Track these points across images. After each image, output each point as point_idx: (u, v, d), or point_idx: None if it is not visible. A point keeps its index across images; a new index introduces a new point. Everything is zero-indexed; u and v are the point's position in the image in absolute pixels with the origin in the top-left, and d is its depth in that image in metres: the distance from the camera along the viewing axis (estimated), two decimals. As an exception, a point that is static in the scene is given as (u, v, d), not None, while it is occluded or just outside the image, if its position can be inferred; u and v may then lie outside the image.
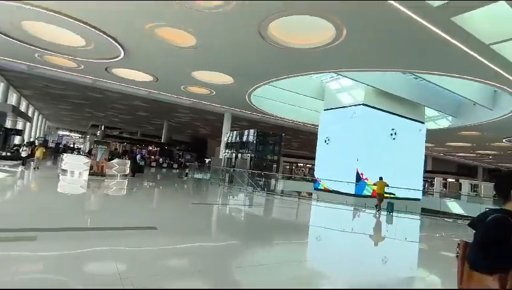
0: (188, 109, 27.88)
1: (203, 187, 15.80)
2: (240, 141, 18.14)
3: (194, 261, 4.19)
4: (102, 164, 14.61)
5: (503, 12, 7.93)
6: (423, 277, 5.09)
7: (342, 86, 19.26)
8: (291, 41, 11.19)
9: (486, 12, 8.08)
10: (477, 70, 11.92)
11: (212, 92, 19.91)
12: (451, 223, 11.55)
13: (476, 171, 54.76)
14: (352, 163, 17.31)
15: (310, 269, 4.80)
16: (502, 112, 18.36)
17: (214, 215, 8.47)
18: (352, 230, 9.06)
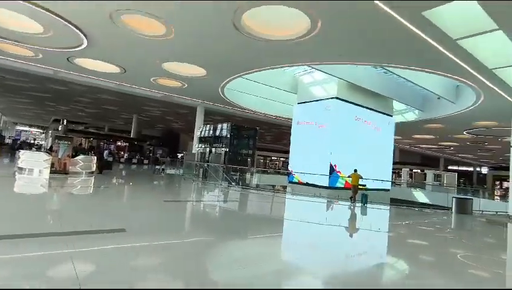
0: (159, 102, 26.90)
1: (176, 183, 15.27)
2: (214, 135, 17.72)
3: (164, 262, 3.90)
4: (64, 160, 13.65)
5: (470, 9, 8.18)
6: (392, 263, 5.19)
7: (315, 79, 19.37)
8: (266, 33, 10.95)
9: (455, 8, 8.30)
10: (443, 65, 12.36)
11: (184, 84, 19.27)
12: (418, 211, 11.98)
13: (438, 161, 57.97)
14: (326, 156, 17.54)
15: (286, 262, 4.74)
16: (464, 105, 19.33)
17: (187, 212, 8.10)
18: (328, 222, 9.10)
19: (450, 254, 5.60)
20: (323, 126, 18.06)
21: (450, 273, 4.35)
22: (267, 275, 3.84)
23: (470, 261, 5.23)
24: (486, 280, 4.44)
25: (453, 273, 4.39)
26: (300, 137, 19.43)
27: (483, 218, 9.77)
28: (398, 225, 9.09)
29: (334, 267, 4.55)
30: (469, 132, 28.20)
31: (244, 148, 17.60)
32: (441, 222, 9.37)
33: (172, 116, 37.19)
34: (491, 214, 10.76)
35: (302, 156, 18.97)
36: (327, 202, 12.75)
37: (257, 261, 4.50)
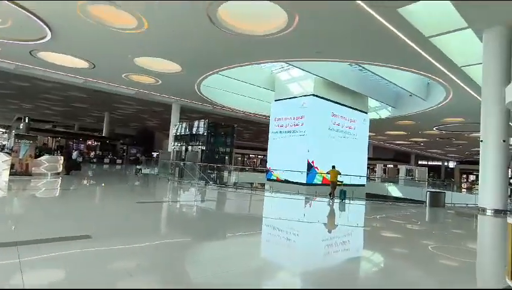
0: (133, 99, 25.94)
1: (151, 183, 14.63)
2: (190, 133, 17.23)
3: (132, 267, 3.60)
4: (26, 161, 12.71)
5: (443, 7, 8.36)
6: (370, 256, 5.29)
7: (292, 76, 19.35)
8: (242, 28, 10.71)
9: (429, 6, 8.45)
10: (416, 63, 12.70)
11: (158, 81, 18.63)
12: (394, 206, 12.22)
13: (409, 157, 60.32)
14: (303, 152, 17.58)
15: (264, 260, 4.61)
16: (434, 102, 20.08)
17: (161, 213, 7.63)
18: (308, 219, 9.03)
19: (426, 246, 5.67)
20: (300, 123, 18.08)
21: (428, 265, 4.37)
22: (245, 274, 3.73)
23: (443, 252, 5.32)
24: (458, 269, 4.51)
25: (430, 264, 4.42)
26: (278, 134, 19.38)
27: (455, 210, 10.10)
28: (375, 219, 9.16)
29: (313, 263, 4.47)
30: (438, 128, 29.44)
31: (222, 146, 17.24)
32: (417, 215, 9.56)
33: (147, 114, 36.07)
34: (462, 206, 11.17)
35: (280, 153, 18.93)
36: (306, 199, 12.68)
37: (235, 260, 4.36)
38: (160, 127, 43.52)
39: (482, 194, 9.12)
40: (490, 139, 8.98)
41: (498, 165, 8.81)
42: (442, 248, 5.75)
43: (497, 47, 9.05)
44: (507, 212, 8.80)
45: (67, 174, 13.91)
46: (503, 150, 8.81)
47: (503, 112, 8.87)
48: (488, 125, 9.08)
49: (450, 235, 7.26)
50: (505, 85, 8.81)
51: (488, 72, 9.29)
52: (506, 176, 8.89)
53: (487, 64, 9.32)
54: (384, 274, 4.16)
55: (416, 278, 3.90)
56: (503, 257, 3.85)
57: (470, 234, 7.75)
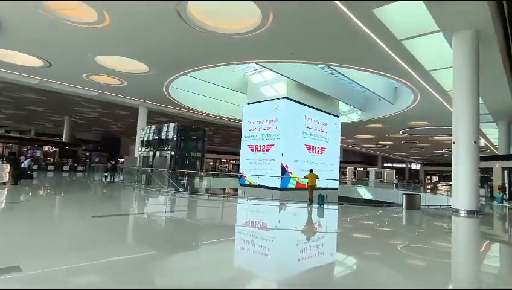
0: (95, 102, 24.30)
1: (114, 192, 13.40)
2: (159, 137, 16.21)
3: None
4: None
5: (416, 9, 8.37)
6: (341, 259, 5.24)
7: (264, 79, 19.03)
8: (214, 26, 10.15)
9: (403, 7, 8.43)
10: (387, 66, 12.83)
11: (122, 82, 17.48)
12: (372, 209, 12.10)
13: (376, 159, 62.54)
14: (277, 157, 17.25)
15: (238, 270, 4.25)
16: (402, 106, 20.69)
17: (121, 228, 6.53)
18: (287, 226, 8.56)
19: (416, 250, 5.45)
20: (273, 127, 17.76)
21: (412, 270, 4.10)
22: (217, 285, 3.54)
23: (424, 254, 5.14)
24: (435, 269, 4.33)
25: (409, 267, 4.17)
26: (250, 138, 18.92)
27: (431, 213, 10.18)
28: (360, 225, 8.84)
29: (288, 271, 4.17)
30: (404, 132, 30.58)
31: (192, 150, 16.37)
32: (398, 219, 9.43)
33: (111, 118, 34.15)
34: (435, 208, 11.35)
35: (253, 158, 18.47)
36: (282, 205, 12.20)
37: (205, 271, 4.05)
38: (126, 131, 41.48)
39: (455, 196, 9.21)
40: (461, 141, 9.11)
41: (469, 166, 8.94)
42: (429, 250, 5.53)
43: (466, 51, 9.24)
44: (479, 213, 8.95)
45: (15, 184, 12.32)
46: (474, 151, 8.96)
47: (474, 114, 9.05)
48: (460, 127, 9.21)
49: (439, 239, 7.13)
50: (475, 88, 9.00)
51: (458, 76, 9.46)
52: (478, 177, 9.05)
53: (457, 67, 9.50)
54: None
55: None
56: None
57: (449, 236, 7.70)
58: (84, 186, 16.51)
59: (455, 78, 9.52)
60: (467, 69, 9.22)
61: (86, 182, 18.58)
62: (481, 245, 6.78)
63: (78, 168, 28.73)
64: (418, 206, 10.07)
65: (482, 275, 4.56)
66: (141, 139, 17.77)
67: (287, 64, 15.14)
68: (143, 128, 18.68)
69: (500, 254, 6.19)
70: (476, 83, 9.13)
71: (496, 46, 10.20)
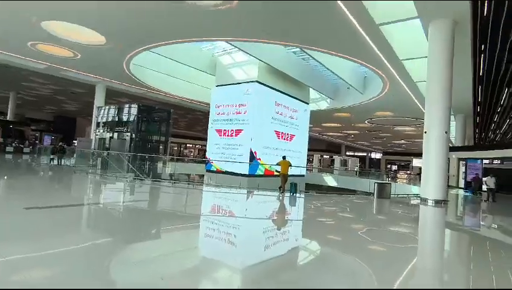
0: (46, 77, 21.81)
1: (62, 178, 11.86)
2: (118, 118, 14.75)
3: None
4: None
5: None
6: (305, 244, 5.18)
7: (235, 61, 18.11)
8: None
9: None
10: (361, 52, 12.58)
11: (76, 54, 15.63)
12: (344, 198, 11.98)
13: (340, 148, 64.36)
14: (246, 142, 16.64)
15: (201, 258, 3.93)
16: (370, 95, 20.92)
17: (55, 223, 5.06)
18: (257, 216, 8.04)
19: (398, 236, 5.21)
20: (243, 111, 17.03)
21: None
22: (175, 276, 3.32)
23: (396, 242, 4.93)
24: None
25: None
26: (218, 122, 18.05)
27: (400, 201, 10.23)
28: (337, 215, 8.51)
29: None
30: (369, 121, 31.37)
31: (155, 133, 15.15)
32: (372, 207, 9.29)
33: (66, 97, 31.25)
34: (403, 196, 11.50)
35: (221, 143, 17.69)
36: (252, 193, 11.63)
37: (166, 260, 3.81)
38: (82, 112, 38.38)
39: (424, 185, 9.25)
40: (433, 131, 9.08)
41: (439, 156, 8.97)
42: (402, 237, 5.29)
43: (443, 39, 9.12)
44: (446, 202, 9.08)
45: None
46: (444, 141, 8.99)
47: (446, 104, 9.03)
48: (432, 117, 9.18)
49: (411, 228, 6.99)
50: (449, 77, 8.94)
51: (433, 65, 9.37)
52: (446, 168, 9.13)
53: (432, 55, 9.39)
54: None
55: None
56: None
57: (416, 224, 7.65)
58: (25, 170, 14.65)
59: (430, 66, 9.43)
60: (442, 57, 9.15)
61: (31, 165, 16.61)
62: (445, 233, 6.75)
63: (25, 149, 25.97)
64: (388, 195, 10.06)
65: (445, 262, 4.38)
66: (97, 119, 16.15)
67: (258, 45, 14.38)
68: (99, 107, 17.00)
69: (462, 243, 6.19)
70: (450, 73, 9.09)
71: (468, 41, 10.25)
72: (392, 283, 3.42)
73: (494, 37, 10.03)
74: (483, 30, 9.99)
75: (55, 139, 33.91)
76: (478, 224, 8.66)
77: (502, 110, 19.84)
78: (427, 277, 3.86)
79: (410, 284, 3.51)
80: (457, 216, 9.55)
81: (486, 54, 11.87)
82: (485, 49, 11.51)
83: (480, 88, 16.35)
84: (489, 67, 13.04)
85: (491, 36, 10.09)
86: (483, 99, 18.18)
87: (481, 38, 10.73)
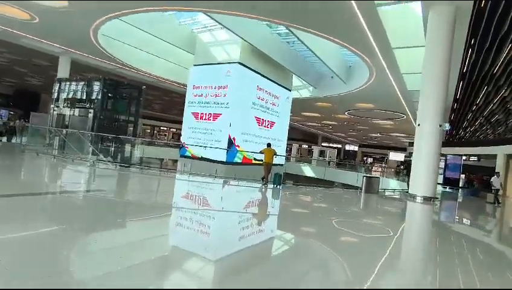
0: (1, 45, 19.37)
1: (7, 158, 10.09)
2: (80, 92, 13.08)
3: None
4: None
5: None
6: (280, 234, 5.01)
7: (216, 39, 16.78)
8: None
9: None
10: (352, 35, 11.79)
11: (34, 18, 13.65)
12: (330, 192, 11.29)
13: (317, 138, 64.57)
14: (225, 127, 15.58)
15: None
16: (354, 86, 20.39)
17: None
18: (234, 209, 7.14)
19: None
20: (223, 94, 15.88)
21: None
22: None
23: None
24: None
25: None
26: (195, 104, 16.80)
27: (389, 198, 9.71)
28: (332, 212, 7.75)
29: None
30: (349, 113, 31.13)
31: (123, 111, 13.64)
32: (363, 203, 8.64)
33: (27, 69, 28.47)
34: (391, 192, 11.05)
35: (197, 127, 16.49)
36: (229, 184, 10.63)
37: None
38: (47, 87, 35.27)
39: (413, 181, 8.75)
40: (427, 124, 8.52)
41: (431, 151, 8.45)
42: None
43: (442, 26, 8.47)
44: (435, 199, 8.63)
45: None
46: (438, 135, 8.46)
47: (442, 95, 8.46)
48: (427, 108, 8.60)
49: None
50: (446, 67, 8.35)
51: (431, 53, 8.73)
52: (437, 163, 8.65)
53: (430, 43, 8.75)
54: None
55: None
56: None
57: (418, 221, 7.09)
58: None
59: (427, 54, 8.80)
60: (440, 46, 8.52)
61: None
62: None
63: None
64: (376, 190, 9.50)
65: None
66: (56, 93, 14.35)
67: (242, 23, 13.22)
68: (59, 79, 15.11)
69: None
70: (447, 63, 8.49)
71: (464, 33, 9.69)
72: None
73: (486, 33, 9.56)
74: (476, 23, 9.49)
75: (13, 115, 30.93)
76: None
77: (476, 109, 20.07)
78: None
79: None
80: (446, 213, 9.17)
81: (474, 50, 11.48)
82: (474, 44, 11.10)
83: (461, 84, 16.21)
84: (474, 64, 12.74)
85: (483, 31, 9.61)
86: (461, 96, 18.18)
87: (473, 32, 10.26)
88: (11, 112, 33.83)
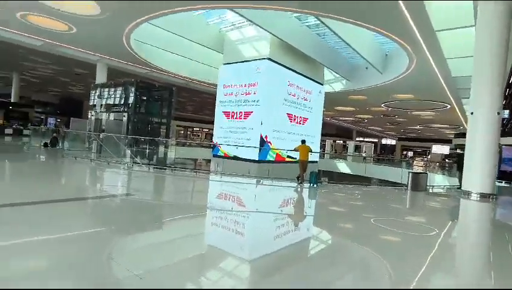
0: (45, 56, 20.71)
1: (40, 164, 10.42)
2: (114, 96, 13.48)
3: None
4: None
5: None
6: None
7: (244, 36, 16.54)
8: None
9: None
10: (389, 21, 10.95)
11: (71, 28, 14.30)
12: (377, 189, 10.51)
13: (351, 133, 62.31)
14: (256, 125, 15.31)
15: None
16: (391, 75, 19.18)
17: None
18: (272, 210, 6.79)
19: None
20: (253, 91, 15.62)
21: None
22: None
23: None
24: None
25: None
26: (226, 104, 16.70)
27: (439, 195, 8.82)
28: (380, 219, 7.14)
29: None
30: (386, 105, 29.50)
31: (156, 114, 13.84)
32: (423, 204, 7.84)
33: (69, 78, 30.32)
34: (440, 188, 10.10)
35: (229, 126, 16.39)
36: (264, 185, 10.18)
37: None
38: (87, 94, 37.38)
39: (467, 177, 7.83)
40: (481, 112, 7.58)
41: (488, 142, 7.50)
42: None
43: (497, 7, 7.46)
44: (494, 196, 7.65)
45: None
46: (496, 124, 7.50)
47: (499, 79, 7.48)
48: (481, 94, 7.65)
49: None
50: (504, 47, 7.36)
51: (483, 35, 7.74)
52: (496, 156, 7.68)
53: (483, 20, 7.76)
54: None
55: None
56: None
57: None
58: (5, 153, 13.33)
59: (480, 33, 7.79)
60: (495, 28, 7.49)
61: (22, 148, 15.46)
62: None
63: (25, 131, 25.17)
64: (424, 187, 8.68)
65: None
66: (93, 98, 14.93)
67: (270, 17, 12.85)
68: (95, 85, 15.71)
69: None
70: (506, 42, 7.47)
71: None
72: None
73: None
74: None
75: (60, 122, 33.13)
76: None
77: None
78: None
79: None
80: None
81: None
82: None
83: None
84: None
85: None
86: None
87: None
88: (58, 119, 36.20)
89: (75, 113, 40.61)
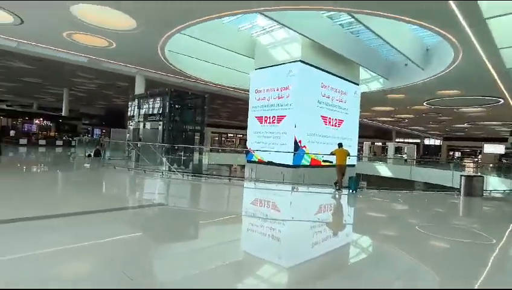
0: (90, 72, 22.18)
1: (86, 172, 10.96)
2: (149, 106, 13.96)
3: None
4: None
5: None
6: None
7: (275, 39, 16.39)
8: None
9: None
10: (434, 13, 10.14)
11: (111, 43, 15.11)
12: (427, 196, 9.61)
13: (390, 134, 59.31)
14: (289, 129, 15.01)
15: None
16: (433, 71, 17.87)
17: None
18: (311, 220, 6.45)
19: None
20: (285, 95, 15.36)
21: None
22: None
23: None
24: None
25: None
26: (258, 108, 16.60)
27: (499, 200, 7.86)
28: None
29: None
30: (429, 103, 27.63)
31: (190, 122, 14.09)
32: (473, 213, 7.05)
33: (112, 91, 32.25)
34: (498, 193, 9.03)
35: (262, 131, 16.25)
36: (300, 192, 9.76)
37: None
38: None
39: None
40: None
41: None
42: None
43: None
44: None
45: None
46: None
47: None
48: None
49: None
50: None
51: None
52: None
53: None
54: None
55: None
56: None
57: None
58: (52, 163, 14.31)
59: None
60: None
61: (69, 158, 16.57)
62: None
63: (73, 142, 27.14)
64: (480, 192, 7.79)
65: None
66: (131, 109, 15.59)
67: (301, 18, 12.53)
68: (133, 96, 16.41)
69: None
70: None
71: None
72: None
73: None
74: None
75: (104, 132, 35.31)
76: None
77: None
78: None
79: None
80: None
81: None
82: None
83: None
84: None
85: None
86: None
87: None
88: (103, 130, 38.59)
89: (118, 123, 43.17)
